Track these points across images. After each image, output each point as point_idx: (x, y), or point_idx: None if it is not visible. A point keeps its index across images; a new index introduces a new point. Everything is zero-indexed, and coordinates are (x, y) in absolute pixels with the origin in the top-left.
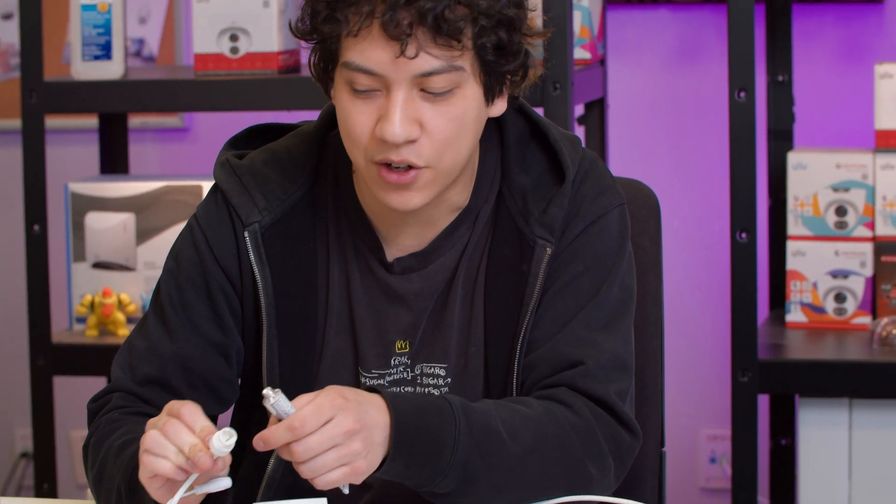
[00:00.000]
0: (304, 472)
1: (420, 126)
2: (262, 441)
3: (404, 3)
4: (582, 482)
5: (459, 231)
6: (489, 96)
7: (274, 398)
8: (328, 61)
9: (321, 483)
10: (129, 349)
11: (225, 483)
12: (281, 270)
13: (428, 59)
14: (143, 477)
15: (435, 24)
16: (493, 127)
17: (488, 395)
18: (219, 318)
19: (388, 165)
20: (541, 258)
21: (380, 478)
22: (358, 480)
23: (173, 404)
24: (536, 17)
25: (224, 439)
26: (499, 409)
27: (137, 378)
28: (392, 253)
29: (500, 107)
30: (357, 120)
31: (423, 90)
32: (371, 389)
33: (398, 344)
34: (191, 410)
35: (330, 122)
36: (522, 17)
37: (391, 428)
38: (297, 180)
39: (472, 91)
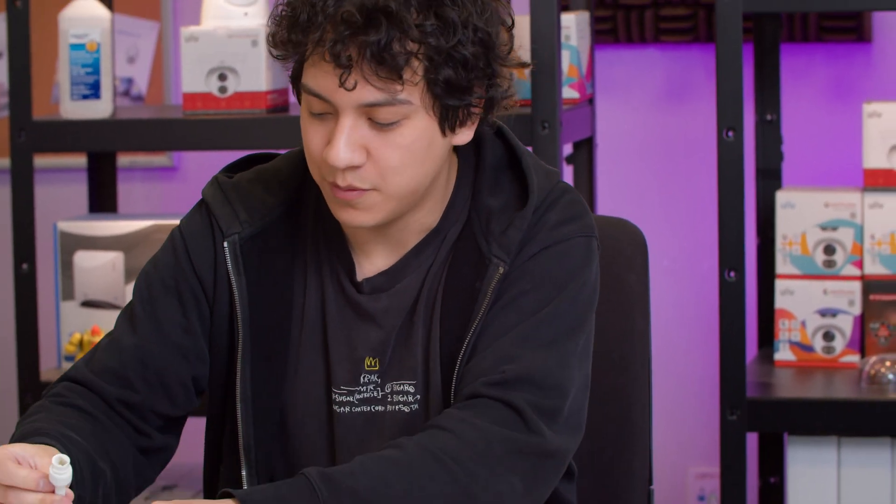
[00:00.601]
0: None
1: (366, 152)
2: None
3: (350, 34)
4: (497, 496)
5: (426, 252)
6: (445, 127)
7: (57, 469)
8: (295, 79)
9: None
10: (94, 346)
11: None
12: (257, 283)
13: (371, 91)
14: None
15: (377, 57)
16: (473, 151)
17: None
18: (185, 322)
19: None
20: (492, 276)
21: None
22: None
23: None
24: (524, 57)
25: (59, 468)
26: (364, 466)
27: (94, 368)
28: (364, 271)
29: (464, 136)
30: (312, 140)
31: (370, 118)
32: (224, 494)
33: (367, 361)
34: (21, 473)
35: None
36: (481, 55)
37: None
38: (279, 196)
39: (422, 122)
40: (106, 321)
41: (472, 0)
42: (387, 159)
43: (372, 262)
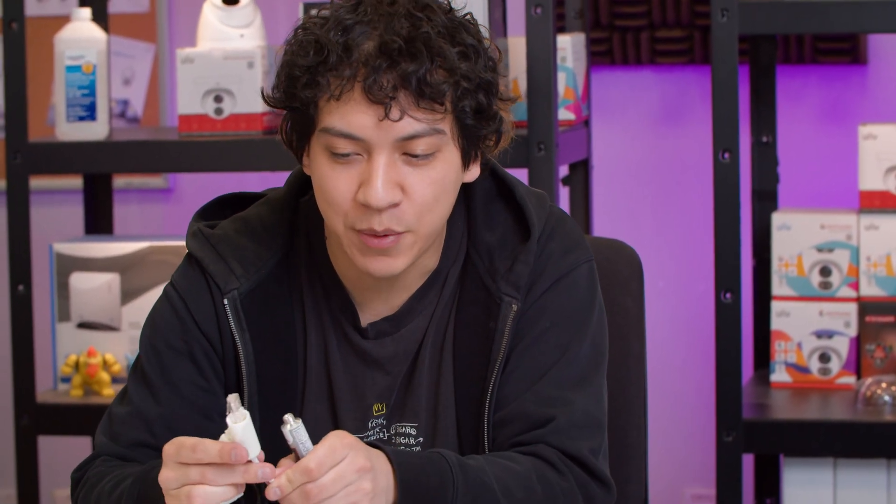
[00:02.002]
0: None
1: (402, 190)
2: (278, 489)
3: (386, 67)
4: None
5: (430, 295)
6: (466, 161)
7: (294, 425)
8: (305, 128)
9: None
10: (110, 418)
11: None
12: (260, 337)
13: (411, 123)
14: None
15: (418, 87)
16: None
17: (462, 452)
18: (204, 382)
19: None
20: (507, 315)
21: None
22: None
23: (174, 445)
24: (520, 80)
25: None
26: (490, 466)
27: (123, 442)
28: (366, 317)
29: (474, 172)
30: (337, 186)
31: (404, 154)
32: (371, 444)
33: (375, 407)
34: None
35: (299, 188)
36: (497, 81)
37: (396, 481)
38: (271, 247)
39: (451, 155)
40: (102, 343)
41: (475, 29)
42: (423, 195)
43: (373, 308)
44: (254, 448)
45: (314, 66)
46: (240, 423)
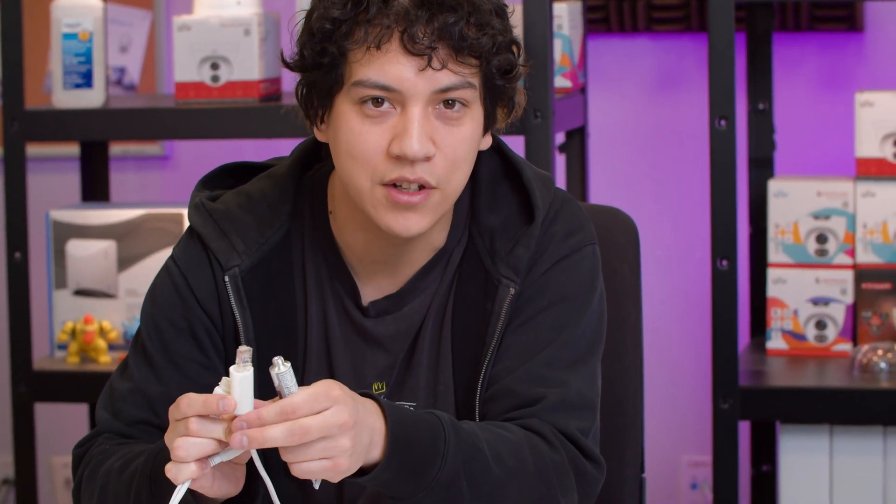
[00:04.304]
0: (287, 455)
1: (434, 144)
2: (245, 422)
3: (427, 18)
4: None
5: (433, 274)
6: (487, 123)
7: (282, 369)
8: (329, 87)
9: (299, 471)
10: (111, 393)
11: (238, 450)
12: (261, 313)
13: (448, 75)
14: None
15: (458, 39)
16: None
17: None
18: (205, 359)
19: (398, 186)
20: (504, 297)
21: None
22: (336, 479)
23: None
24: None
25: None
26: (483, 432)
27: (125, 419)
28: (368, 294)
29: (487, 141)
30: (368, 140)
31: (437, 107)
32: (363, 395)
33: (375, 386)
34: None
35: (304, 163)
36: (521, 43)
37: (386, 434)
38: (274, 224)
39: (478, 114)
40: (98, 310)
41: None
42: (455, 151)
43: (376, 286)
44: (247, 406)
45: (352, 17)
46: (239, 375)
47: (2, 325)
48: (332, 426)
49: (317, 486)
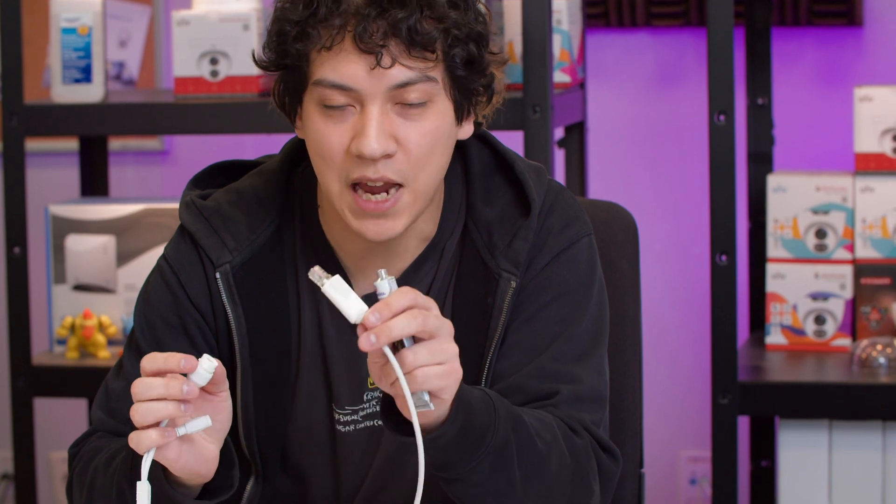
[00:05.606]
0: (404, 361)
1: (396, 141)
2: (377, 313)
3: (376, 16)
4: (585, 496)
5: (426, 266)
6: (459, 114)
7: (387, 279)
8: (297, 86)
9: (421, 377)
10: (106, 392)
11: (205, 422)
12: (253, 310)
13: (402, 71)
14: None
15: (408, 35)
16: (457, 158)
17: None
18: (198, 356)
19: (365, 191)
20: (505, 291)
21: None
22: (453, 389)
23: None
24: (516, 42)
25: (206, 365)
26: (525, 412)
27: (120, 418)
28: (361, 288)
29: (467, 129)
30: (331, 139)
31: (397, 104)
32: None
33: (370, 379)
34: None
35: (293, 159)
36: (487, 35)
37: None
38: (264, 220)
39: (443, 106)
40: (97, 305)
41: None
42: (418, 146)
43: (367, 277)
44: (354, 312)
45: (305, 20)
46: (332, 288)
47: (1, 320)
48: (444, 322)
49: (433, 406)
